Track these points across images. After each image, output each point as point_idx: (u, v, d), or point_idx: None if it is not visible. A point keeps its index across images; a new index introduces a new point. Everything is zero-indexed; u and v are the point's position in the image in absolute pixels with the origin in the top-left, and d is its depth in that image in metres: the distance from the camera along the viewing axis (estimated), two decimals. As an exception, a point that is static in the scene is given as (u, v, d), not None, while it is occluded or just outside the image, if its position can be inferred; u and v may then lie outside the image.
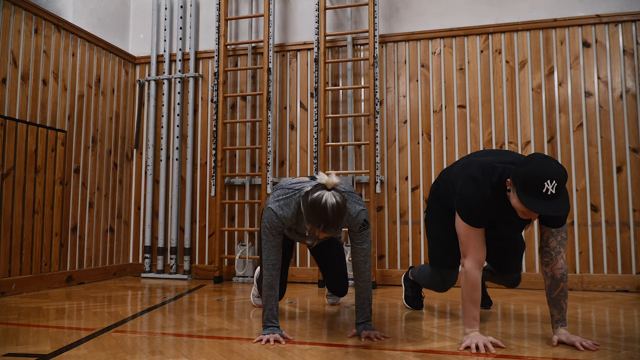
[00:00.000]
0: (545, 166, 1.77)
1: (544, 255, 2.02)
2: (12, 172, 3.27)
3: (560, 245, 2.00)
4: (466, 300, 2.02)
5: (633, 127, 3.54)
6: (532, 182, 1.77)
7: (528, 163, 1.81)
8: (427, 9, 4.02)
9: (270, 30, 4.05)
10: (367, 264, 2.14)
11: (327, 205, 1.81)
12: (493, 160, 2.05)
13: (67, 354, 1.87)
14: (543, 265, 2.03)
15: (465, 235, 2.03)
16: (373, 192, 3.72)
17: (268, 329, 2.10)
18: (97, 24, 4.22)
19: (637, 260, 3.46)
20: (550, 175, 1.75)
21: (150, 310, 2.79)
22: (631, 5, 3.62)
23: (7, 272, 3.22)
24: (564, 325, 2.02)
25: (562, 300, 2.01)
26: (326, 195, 1.84)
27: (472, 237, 2.01)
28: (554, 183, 1.75)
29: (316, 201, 1.83)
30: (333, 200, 1.83)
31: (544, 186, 1.75)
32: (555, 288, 2.01)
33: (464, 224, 2.03)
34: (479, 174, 2.02)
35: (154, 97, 4.48)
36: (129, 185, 4.51)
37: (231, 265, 4.16)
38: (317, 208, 1.83)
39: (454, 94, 3.90)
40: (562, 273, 1.99)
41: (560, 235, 1.99)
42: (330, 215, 1.82)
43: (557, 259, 1.99)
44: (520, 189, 1.81)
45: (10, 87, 3.31)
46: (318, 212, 1.83)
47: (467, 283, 2.01)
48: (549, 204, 1.76)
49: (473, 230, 2.01)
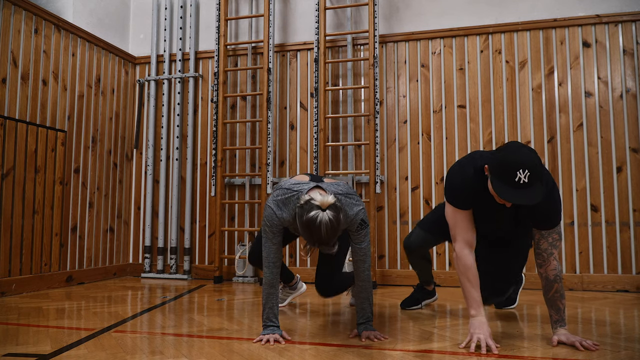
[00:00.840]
0: (518, 154, 1.81)
1: (537, 257, 2.05)
2: (12, 172, 3.27)
3: (552, 247, 2.01)
4: (464, 282, 2.05)
5: (633, 127, 3.54)
6: (505, 170, 1.81)
7: (503, 150, 1.86)
8: (427, 9, 4.02)
9: (270, 30, 4.05)
10: (367, 264, 2.14)
11: (321, 226, 1.87)
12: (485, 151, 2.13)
13: (67, 354, 1.87)
14: (537, 267, 2.06)
15: (452, 217, 2.10)
16: (373, 192, 3.72)
17: (268, 328, 2.10)
18: (97, 24, 4.22)
19: (637, 260, 3.46)
20: (522, 163, 1.78)
21: (150, 310, 2.79)
22: (631, 5, 3.62)
23: (7, 272, 3.22)
24: (564, 326, 2.02)
25: (558, 301, 2.02)
26: (320, 215, 1.88)
27: (459, 219, 2.07)
28: (527, 172, 1.78)
29: (310, 221, 1.88)
30: (327, 220, 1.88)
31: (517, 175, 1.78)
32: (550, 289, 2.02)
33: (450, 208, 2.10)
34: (464, 159, 2.13)
35: (154, 97, 4.48)
36: (129, 185, 4.51)
37: (231, 265, 4.16)
38: (312, 228, 1.88)
39: (454, 94, 3.90)
40: (555, 274, 2.00)
41: (551, 236, 2.00)
42: (324, 234, 1.88)
43: (550, 260, 2.00)
44: (494, 175, 1.86)
45: (10, 87, 3.31)
46: (312, 232, 1.89)
47: (460, 263, 2.05)
48: (520, 193, 1.80)
49: (459, 213, 2.07)
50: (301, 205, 1.94)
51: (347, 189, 2.13)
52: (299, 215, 1.94)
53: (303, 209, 1.92)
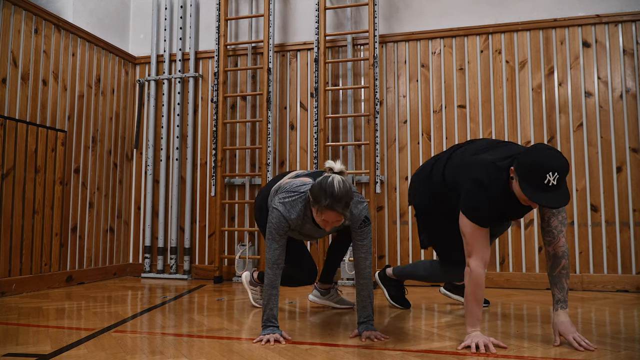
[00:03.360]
0: (548, 157, 1.81)
1: (545, 234, 2.05)
2: (12, 172, 3.27)
3: (562, 225, 2.04)
4: (470, 300, 2.02)
5: (633, 127, 3.54)
6: (535, 173, 1.81)
7: (531, 153, 1.86)
8: (427, 9, 4.02)
9: (270, 30, 4.05)
10: (368, 261, 2.15)
11: (334, 182, 1.96)
12: (494, 159, 2.05)
13: (67, 354, 1.88)
14: (546, 245, 2.06)
15: (471, 235, 2.02)
16: (373, 192, 3.72)
17: (268, 328, 2.10)
18: (97, 24, 4.22)
19: (637, 260, 3.46)
20: (552, 166, 1.79)
21: (150, 310, 2.79)
22: (631, 5, 3.62)
23: (7, 272, 3.22)
24: (565, 308, 2.01)
25: (563, 279, 2.02)
26: (333, 175, 2.00)
27: (478, 237, 2.02)
28: (556, 175, 1.79)
29: (323, 180, 1.99)
30: (339, 178, 1.98)
31: (546, 177, 1.79)
32: (557, 265, 2.02)
33: (470, 224, 2.02)
34: (485, 176, 2.00)
35: (154, 97, 4.48)
36: (129, 185, 4.51)
37: (231, 265, 4.16)
38: (325, 185, 1.97)
39: (454, 94, 3.90)
40: (563, 251, 2.02)
41: (561, 215, 2.04)
42: (337, 190, 1.95)
43: (559, 238, 2.02)
44: (523, 179, 1.85)
45: (10, 87, 3.31)
46: (325, 189, 1.96)
47: (472, 282, 2.01)
48: (550, 196, 1.81)
49: (480, 230, 2.01)
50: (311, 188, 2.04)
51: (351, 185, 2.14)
52: (312, 189, 2.02)
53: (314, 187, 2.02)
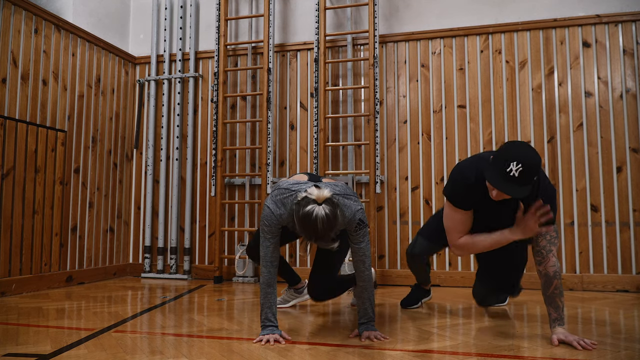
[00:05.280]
0: (517, 148, 1.88)
1: (535, 254, 2.08)
2: (12, 172, 3.27)
3: (551, 244, 2.05)
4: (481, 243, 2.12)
5: (633, 127, 3.54)
6: (499, 159, 1.89)
7: (508, 145, 1.93)
8: (427, 9, 4.02)
9: (270, 30, 4.05)
10: (366, 264, 2.14)
11: (317, 220, 1.88)
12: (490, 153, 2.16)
13: (67, 354, 1.88)
14: (536, 265, 2.08)
15: (450, 218, 2.12)
16: (373, 192, 3.72)
17: (267, 329, 2.10)
18: (97, 24, 4.22)
19: (637, 260, 3.46)
20: (517, 156, 1.85)
21: (150, 310, 2.79)
22: (631, 5, 3.62)
23: (7, 272, 3.22)
24: (562, 325, 2.03)
25: (557, 298, 2.03)
26: (317, 210, 1.89)
27: (457, 220, 2.10)
28: (519, 167, 1.83)
29: (306, 215, 1.90)
30: (323, 214, 1.88)
31: (509, 166, 1.84)
32: (550, 285, 2.03)
33: (449, 206, 2.12)
34: (466, 161, 2.17)
35: (154, 97, 4.48)
36: (129, 185, 4.51)
37: (231, 265, 4.16)
38: (308, 222, 1.89)
39: (454, 94, 3.90)
40: (554, 271, 2.03)
41: (549, 234, 2.05)
42: (320, 229, 1.89)
43: (549, 257, 2.03)
44: (490, 164, 1.94)
45: (10, 87, 3.31)
46: (308, 226, 1.90)
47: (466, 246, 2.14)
48: (506, 185, 1.86)
49: (458, 213, 2.09)
50: (298, 201, 1.96)
51: (346, 189, 2.13)
52: (296, 212, 1.95)
53: (300, 204, 1.94)
